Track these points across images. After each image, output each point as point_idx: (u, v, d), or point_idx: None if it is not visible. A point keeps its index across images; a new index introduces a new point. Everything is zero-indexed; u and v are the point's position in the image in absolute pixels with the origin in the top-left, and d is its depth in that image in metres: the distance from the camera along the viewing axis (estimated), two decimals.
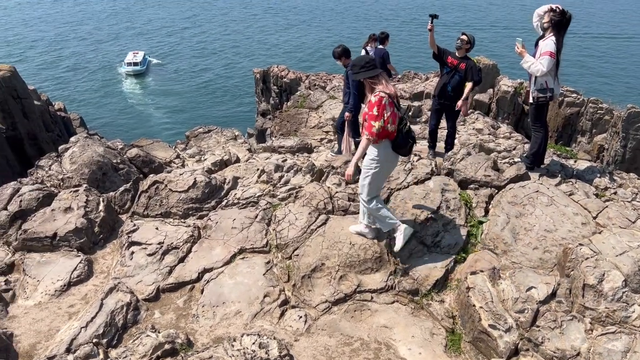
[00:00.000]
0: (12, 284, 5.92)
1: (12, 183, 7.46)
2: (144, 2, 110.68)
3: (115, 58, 64.96)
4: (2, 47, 70.21)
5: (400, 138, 5.22)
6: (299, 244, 6.13)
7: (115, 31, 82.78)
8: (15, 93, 23.73)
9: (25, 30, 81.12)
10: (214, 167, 10.64)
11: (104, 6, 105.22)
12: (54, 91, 51.15)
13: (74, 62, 65.03)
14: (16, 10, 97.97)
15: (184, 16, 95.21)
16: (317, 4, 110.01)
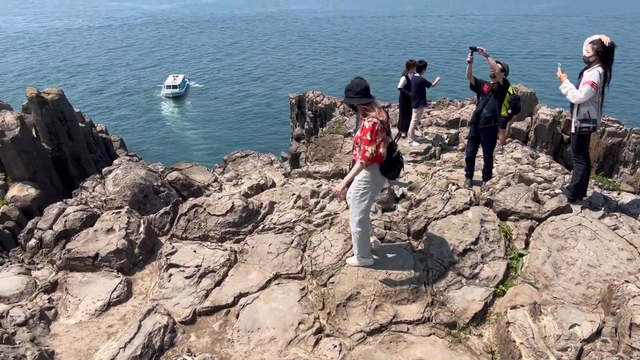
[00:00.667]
0: (55, 302, 6.09)
1: (58, 203, 7.74)
2: (187, 29, 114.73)
3: (156, 82, 67.13)
4: (52, 71, 73.56)
5: (389, 162, 5.45)
6: (334, 271, 6.11)
7: (158, 56, 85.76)
8: (62, 115, 24.73)
9: (74, 56, 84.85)
10: (251, 191, 10.79)
11: (149, 33, 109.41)
12: (97, 113, 53.04)
13: (117, 85, 67.50)
14: (66, 37, 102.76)
15: (224, 43, 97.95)
16: (354, 32, 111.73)
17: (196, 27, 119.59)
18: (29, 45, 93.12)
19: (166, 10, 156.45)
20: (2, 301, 6.04)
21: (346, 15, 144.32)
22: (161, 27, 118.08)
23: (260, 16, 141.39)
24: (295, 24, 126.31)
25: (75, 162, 25.42)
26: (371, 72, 73.38)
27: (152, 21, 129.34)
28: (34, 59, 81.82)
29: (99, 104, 59.68)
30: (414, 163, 12.09)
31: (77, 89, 63.97)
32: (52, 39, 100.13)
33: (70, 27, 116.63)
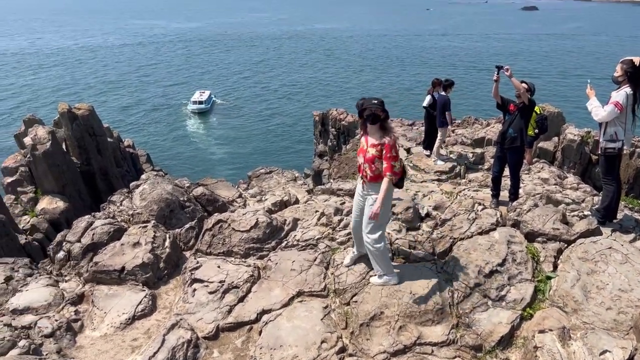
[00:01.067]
0: (81, 314, 6.17)
1: (87, 217, 7.89)
2: (214, 47, 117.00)
3: (183, 98, 68.41)
4: (84, 87, 75.63)
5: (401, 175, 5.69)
6: (357, 290, 6.07)
7: (185, 73, 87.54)
8: (92, 130, 25.34)
9: (104, 73, 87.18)
10: (274, 207, 10.83)
11: (178, 51, 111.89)
12: (125, 128, 54.15)
13: (145, 101, 68.99)
14: (98, 55, 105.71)
15: (250, 61, 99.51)
16: (379, 51, 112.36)
17: (223, 45, 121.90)
18: (62, 62, 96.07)
19: (194, 28, 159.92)
20: (31, 312, 6.16)
21: (372, 34, 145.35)
22: (189, 45, 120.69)
23: (286, 35, 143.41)
24: (321, 42, 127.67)
25: (103, 176, 25.95)
26: (397, 90, 73.57)
27: (181, 39, 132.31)
28: (67, 75, 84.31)
29: (127, 119, 60.98)
30: (438, 182, 11.99)
31: (107, 104, 65.52)
32: (85, 56, 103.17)
33: (102, 44, 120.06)
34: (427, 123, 13.12)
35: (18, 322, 5.86)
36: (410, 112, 53.85)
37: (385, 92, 71.81)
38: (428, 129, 13.15)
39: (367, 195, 5.78)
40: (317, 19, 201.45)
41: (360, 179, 5.90)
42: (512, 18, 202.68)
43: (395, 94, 71.68)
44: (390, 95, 70.71)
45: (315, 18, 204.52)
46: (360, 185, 5.95)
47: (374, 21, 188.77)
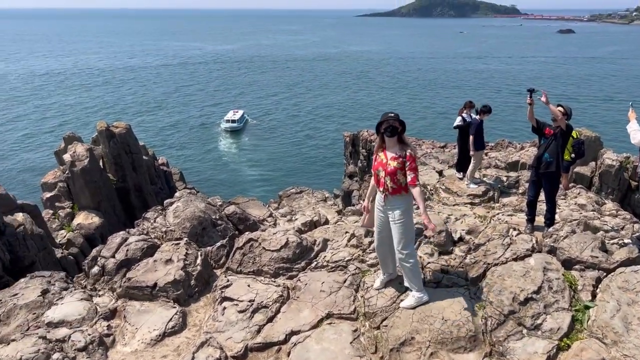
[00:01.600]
0: (113, 329, 6.26)
1: (122, 233, 8.05)
2: (249, 69, 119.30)
3: (217, 117, 69.73)
4: (122, 106, 77.98)
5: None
6: (388, 314, 5.98)
7: (220, 93, 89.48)
8: (128, 148, 25.98)
9: (142, 92, 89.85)
10: (304, 227, 10.84)
11: (213, 72, 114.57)
12: (160, 146, 55.34)
13: (180, 120, 70.60)
14: (136, 75, 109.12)
15: (284, 82, 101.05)
16: (412, 73, 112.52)
17: (258, 67, 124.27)
18: (102, 82, 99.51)
19: (230, 50, 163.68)
20: (65, 325, 6.28)
21: (404, 56, 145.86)
22: (225, 67, 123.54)
23: (319, 57, 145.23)
24: (353, 64, 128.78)
25: (138, 193, 26.48)
26: (429, 112, 73.30)
27: (216, 60, 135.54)
28: (107, 94, 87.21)
29: (162, 137, 62.40)
30: (471, 205, 11.81)
31: (143, 123, 67.29)
32: (124, 76, 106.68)
33: (141, 65, 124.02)
34: (460, 145, 12.98)
35: (53, 335, 5.98)
36: (442, 135, 53.56)
37: (417, 114, 71.72)
38: (461, 151, 13.00)
39: (390, 209, 5.79)
40: (350, 41, 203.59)
41: (381, 193, 5.86)
42: (549, 41, 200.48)
43: (428, 116, 71.47)
44: (423, 117, 70.57)
45: (348, 41, 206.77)
46: (382, 199, 5.91)
47: (407, 44, 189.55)
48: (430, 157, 16.62)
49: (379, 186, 5.85)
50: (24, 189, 41.78)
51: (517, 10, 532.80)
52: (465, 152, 12.77)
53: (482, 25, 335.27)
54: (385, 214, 5.91)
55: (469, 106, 12.57)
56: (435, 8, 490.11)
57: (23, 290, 7.12)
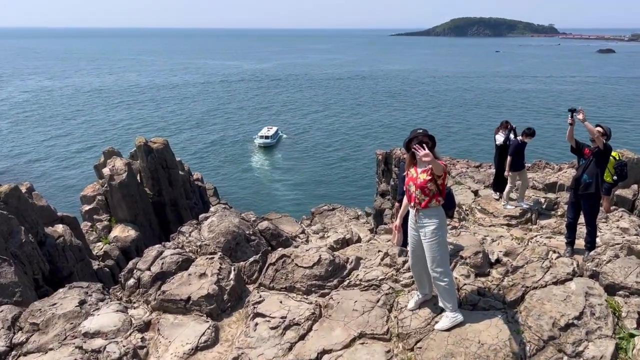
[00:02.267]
0: (147, 341, 6.32)
1: (157, 246, 8.17)
2: (283, 86, 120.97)
3: (252, 134, 70.71)
4: (160, 122, 79.97)
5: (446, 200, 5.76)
6: (422, 335, 5.85)
7: (255, 110, 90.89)
8: (165, 163, 26.57)
9: (180, 108, 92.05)
10: (336, 245, 10.79)
11: (249, 89, 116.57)
12: (195, 162, 56.37)
13: (215, 136, 71.90)
14: (174, 92, 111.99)
15: (318, 100, 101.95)
16: (444, 91, 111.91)
17: (293, 85, 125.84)
18: (141, 99, 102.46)
19: (265, 68, 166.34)
20: (101, 336, 6.38)
21: (438, 75, 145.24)
22: (260, 85, 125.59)
23: (353, 75, 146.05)
24: (387, 83, 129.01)
25: (173, 207, 26.96)
26: (464, 132, 72.56)
27: (252, 78, 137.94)
28: (146, 111, 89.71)
29: (197, 153, 63.58)
30: (508, 227, 11.55)
31: (180, 139, 68.78)
32: (163, 93, 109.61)
33: (180, 83, 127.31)
34: (497, 164, 12.76)
35: (89, 346, 6.08)
36: (477, 154, 52.82)
37: (452, 134, 71.08)
38: (498, 170, 12.77)
39: (422, 226, 5.73)
40: (384, 60, 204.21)
41: (413, 208, 5.83)
42: (588, 61, 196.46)
43: (463, 135, 70.74)
44: (458, 137, 69.91)
45: (382, 60, 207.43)
46: (414, 216, 5.86)
47: (441, 63, 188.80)
48: (466, 176, 16.38)
49: (410, 201, 5.83)
50: (64, 201, 43.11)
51: (555, 30, 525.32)
52: (502, 172, 12.55)
53: (518, 45, 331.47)
54: (417, 232, 5.86)
55: (504, 126, 12.37)
56: (470, 27, 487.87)
57: (61, 300, 7.28)
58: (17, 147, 65.40)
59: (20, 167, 56.92)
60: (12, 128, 74.99)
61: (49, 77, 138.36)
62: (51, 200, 26.56)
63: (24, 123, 78.56)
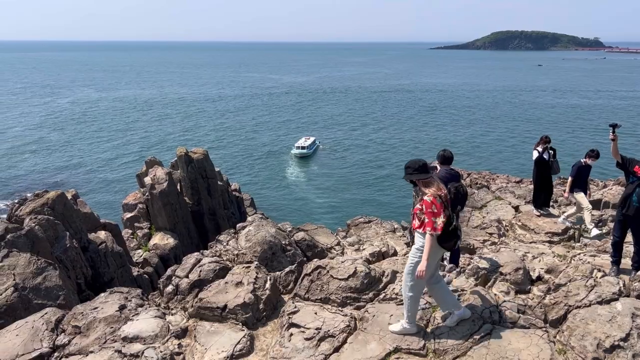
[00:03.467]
0: (184, 348, 6.41)
1: (196, 254, 8.31)
2: (320, 99, 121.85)
3: (289, 145, 71.36)
4: (200, 133, 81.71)
5: (447, 234, 5.69)
6: (459, 352, 5.73)
7: (293, 122, 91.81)
8: (204, 173, 27.04)
9: (220, 120, 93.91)
10: (372, 257, 10.72)
11: (288, 101, 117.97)
12: (233, 172, 57.19)
13: (253, 147, 72.89)
14: (215, 104, 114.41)
15: (355, 112, 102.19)
16: (486, 106, 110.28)
17: (329, 97, 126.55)
18: (184, 110, 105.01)
19: (304, 82, 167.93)
20: (139, 341, 6.51)
21: (478, 88, 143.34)
22: (299, 97, 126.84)
23: (390, 89, 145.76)
24: (425, 96, 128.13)
25: (211, 217, 27.36)
26: (505, 146, 71.22)
27: (290, 91, 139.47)
28: (187, 122, 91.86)
29: (235, 163, 64.51)
30: (549, 244, 11.22)
31: (220, 149, 70.01)
32: (204, 105, 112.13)
33: (220, 95, 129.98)
34: (534, 180, 12.44)
35: (127, 350, 6.21)
36: (518, 169, 51.64)
37: (491, 148, 69.85)
38: (538, 186, 12.44)
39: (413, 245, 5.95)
40: (423, 73, 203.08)
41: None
42: (636, 75, 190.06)
43: (504, 149, 69.39)
44: (497, 151, 68.62)
45: (420, 73, 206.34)
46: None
47: (481, 76, 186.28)
48: (506, 191, 16.03)
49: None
50: (107, 209, 44.40)
51: (600, 43, 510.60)
52: (541, 188, 12.24)
53: (562, 59, 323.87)
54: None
55: (543, 141, 12.08)
56: (512, 41, 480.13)
57: (102, 305, 7.47)
58: (65, 155, 67.98)
59: (67, 175, 59.09)
60: (61, 138, 78.03)
61: (97, 89, 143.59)
62: (94, 207, 27.40)
63: (72, 133, 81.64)
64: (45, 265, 9.29)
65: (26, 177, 57.90)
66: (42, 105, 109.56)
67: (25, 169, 61.46)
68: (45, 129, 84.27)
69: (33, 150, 70.13)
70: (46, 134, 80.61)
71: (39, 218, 13.08)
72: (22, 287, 8.47)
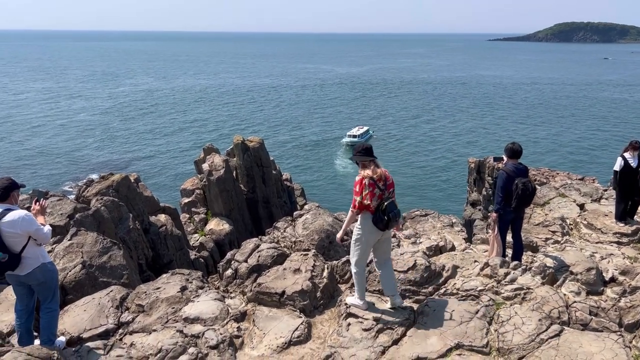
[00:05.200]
0: (243, 331, 6.49)
1: (254, 239, 8.39)
2: (375, 90, 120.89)
3: (341, 136, 71.28)
4: (256, 123, 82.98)
5: (378, 214, 6.02)
6: (525, 352, 5.50)
7: (346, 113, 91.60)
8: (260, 162, 27.45)
9: (275, 110, 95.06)
10: (429, 251, 10.51)
11: (341, 93, 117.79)
12: (284, 162, 57.75)
13: (306, 137, 73.41)
14: (270, 94, 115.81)
15: (410, 104, 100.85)
16: (547, 100, 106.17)
17: (384, 89, 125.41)
18: (241, 99, 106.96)
19: (357, 72, 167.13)
20: (200, 322, 6.63)
21: (539, 82, 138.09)
22: (352, 88, 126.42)
23: (447, 81, 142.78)
24: (481, 89, 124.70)
25: (265, 205, 27.77)
26: (567, 142, 68.39)
27: (344, 82, 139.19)
28: (244, 110, 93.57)
29: (287, 153, 65.14)
30: (618, 245, 10.63)
31: (274, 138, 70.84)
32: (260, 95, 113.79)
33: (276, 85, 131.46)
34: (619, 191, 11.45)
35: (189, 330, 6.35)
36: (578, 166, 49.47)
37: (550, 144, 67.18)
38: (622, 195, 11.45)
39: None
40: (480, 66, 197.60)
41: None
42: None
43: (564, 146, 66.63)
44: (557, 147, 65.95)
45: (477, 65, 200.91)
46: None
47: (542, 69, 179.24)
48: (571, 188, 15.31)
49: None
50: (166, 193, 45.93)
51: None
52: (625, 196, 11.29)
53: (630, 52, 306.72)
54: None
55: (633, 146, 11.05)
56: (576, 33, 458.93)
57: (165, 285, 7.67)
58: (128, 140, 70.81)
59: (129, 159, 61.55)
60: (125, 124, 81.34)
61: (158, 77, 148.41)
62: (154, 191, 28.37)
63: (134, 119, 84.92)
64: (110, 245, 9.65)
65: (92, 159, 60.80)
66: (107, 93, 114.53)
67: (91, 151, 64.54)
68: (110, 115, 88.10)
69: (99, 135, 73.53)
70: (110, 119, 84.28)
71: (105, 199, 13.62)
72: (89, 265, 8.83)
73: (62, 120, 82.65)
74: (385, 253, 6.55)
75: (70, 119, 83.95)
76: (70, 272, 8.54)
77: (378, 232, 6.23)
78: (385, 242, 6.48)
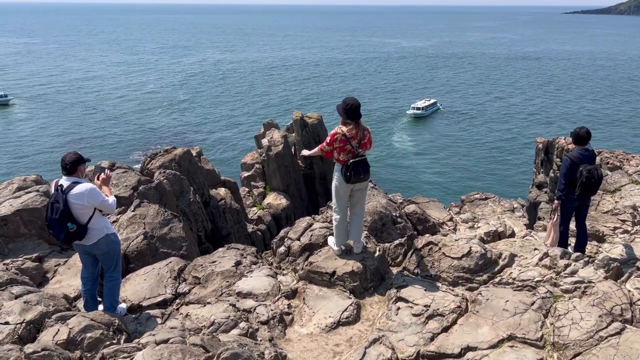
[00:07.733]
0: (293, 309, 6.60)
1: (307, 218, 8.45)
2: (443, 65, 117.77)
3: (405, 108, 70.01)
4: (321, 98, 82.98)
5: (344, 167, 6.62)
6: (582, 349, 5.27)
7: (412, 87, 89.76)
8: (318, 138, 27.48)
9: (336, 84, 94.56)
10: (487, 237, 10.25)
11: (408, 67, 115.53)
12: None
13: (367, 112, 72.64)
14: (333, 68, 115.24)
15: (478, 79, 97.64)
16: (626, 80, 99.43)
17: (452, 63, 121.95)
18: (303, 74, 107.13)
19: (424, 46, 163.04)
20: (252, 298, 6.81)
21: (619, 57, 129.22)
22: (419, 62, 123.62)
23: (518, 56, 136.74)
24: (556, 65, 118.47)
25: (322, 181, 27.92)
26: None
27: (410, 55, 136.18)
28: (308, 84, 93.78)
29: None
30: None
31: (333, 114, 70.69)
32: (325, 69, 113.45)
33: (340, 59, 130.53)
34: None
35: (241, 305, 6.53)
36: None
37: (630, 125, 63.06)
38: None
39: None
40: (554, 40, 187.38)
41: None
42: None
43: None
44: (636, 128, 61.84)
45: (551, 40, 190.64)
46: None
47: (623, 44, 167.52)
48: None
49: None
50: (226, 166, 47.16)
51: None
52: None
53: None
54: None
55: None
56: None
57: (220, 259, 7.90)
58: (192, 114, 72.95)
59: (192, 132, 63.49)
60: (192, 97, 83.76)
61: (226, 50, 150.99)
62: (216, 164, 29.15)
63: (202, 93, 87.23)
64: (171, 217, 10.02)
65: (159, 132, 63.20)
66: (177, 66, 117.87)
67: (157, 124, 67.05)
68: (174, 88, 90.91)
69: (166, 107, 76.09)
70: (175, 92, 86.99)
71: (167, 172, 14.12)
72: (150, 236, 9.22)
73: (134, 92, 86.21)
74: (358, 203, 7.10)
75: (138, 91, 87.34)
76: (133, 242, 8.96)
77: (347, 185, 6.83)
78: (357, 192, 7.01)
